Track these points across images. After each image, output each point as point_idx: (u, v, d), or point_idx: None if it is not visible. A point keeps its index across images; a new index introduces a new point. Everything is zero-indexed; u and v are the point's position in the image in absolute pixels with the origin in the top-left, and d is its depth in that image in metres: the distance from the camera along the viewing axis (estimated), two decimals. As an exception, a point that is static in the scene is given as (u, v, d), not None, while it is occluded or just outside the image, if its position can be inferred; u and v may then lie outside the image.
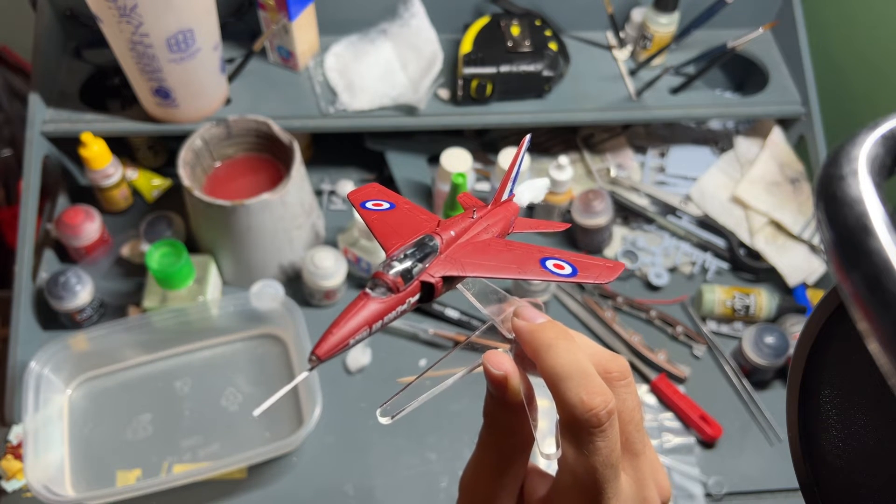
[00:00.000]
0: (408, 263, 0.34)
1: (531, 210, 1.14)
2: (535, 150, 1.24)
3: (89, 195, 1.15)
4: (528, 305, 0.38)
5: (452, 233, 0.37)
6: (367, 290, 0.33)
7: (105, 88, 1.15)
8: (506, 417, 0.37)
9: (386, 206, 0.40)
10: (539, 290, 1.04)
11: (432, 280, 0.34)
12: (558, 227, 0.46)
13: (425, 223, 0.39)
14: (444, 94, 1.13)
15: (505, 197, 0.43)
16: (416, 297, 0.35)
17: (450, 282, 0.36)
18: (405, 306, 0.34)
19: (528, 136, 0.44)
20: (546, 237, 1.18)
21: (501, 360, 0.36)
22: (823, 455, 0.39)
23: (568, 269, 0.37)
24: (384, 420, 0.37)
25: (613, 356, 0.37)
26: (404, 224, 0.39)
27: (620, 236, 1.17)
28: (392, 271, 0.33)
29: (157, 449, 0.96)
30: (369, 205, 0.40)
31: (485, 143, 1.25)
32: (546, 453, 0.36)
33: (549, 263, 0.37)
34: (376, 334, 1.04)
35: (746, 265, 1.13)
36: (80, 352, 0.99)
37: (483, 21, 1.13)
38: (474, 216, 0.39)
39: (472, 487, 0.38)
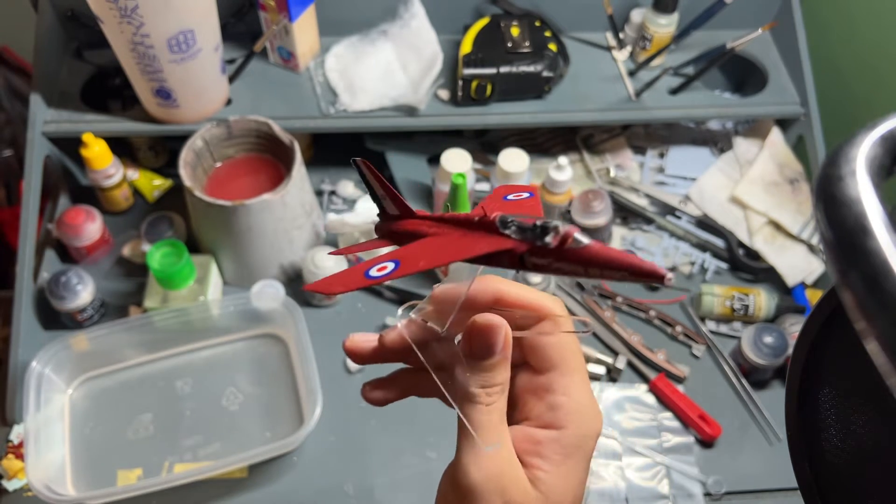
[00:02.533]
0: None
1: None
2: (534, 150, 1.24)
3: (90, 195, 1.15)
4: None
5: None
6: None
7: (106, 89, 1.16)
8: (504, 371, 0.38)
9: (391, 266, 0.37)
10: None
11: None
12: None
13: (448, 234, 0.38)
14: (444, 94, 1.13)
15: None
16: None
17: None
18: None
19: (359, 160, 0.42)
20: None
21: (493, 316, 0.38)
22: (822, 454, 0.39)
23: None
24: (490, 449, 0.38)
25: (547, 294, 0.42)
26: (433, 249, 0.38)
27: (620, 236, 1.17)
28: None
29: (158, 448, 0.96)
30: (374, 272, 0.37)
31: (484, 144, 1.25)
32: (587, 327, 0.39)
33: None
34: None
35: (745, 265, 1.13)
36: (81, 351, 0.99)
37: (483, 22, 1.13)
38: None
39: (497, 470, 0.38)
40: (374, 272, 0.36)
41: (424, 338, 0.41)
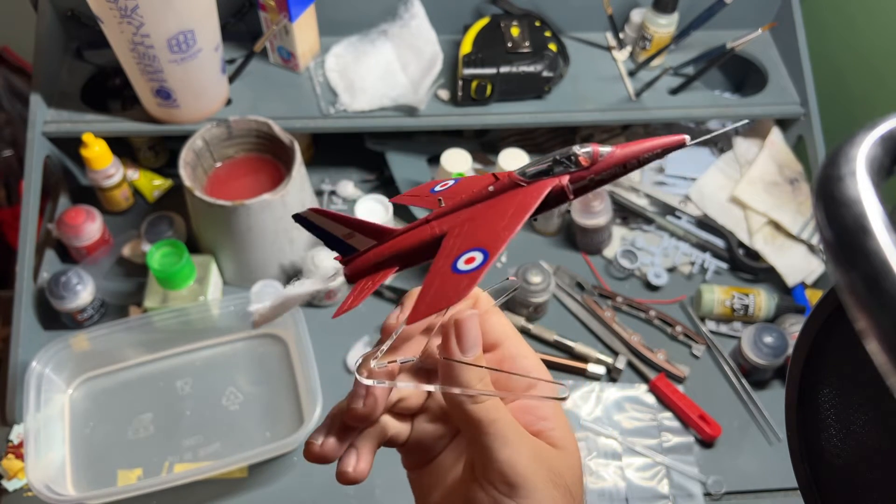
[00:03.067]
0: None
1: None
2: (534, 150, 1.24)
3: (90, 195, 1.15)
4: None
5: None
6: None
7: (106, 89, 1.16)
8: (482, 360, 0.39)
9: (478, 255, 0.35)
10: (539, 289, 1.05)
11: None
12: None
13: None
14: (444, 94, 1.13)
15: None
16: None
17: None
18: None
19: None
20: (546, 239, 1.18)
21: (465, 310, 0.39)
22: (822, 454, 0.39)
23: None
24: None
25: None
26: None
27: (620, 236, 1.17)
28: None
29: (158, 448, 0.96)
30: (462, 265, 0.35)
31: (484, 144, 1.25)
32: (563, 395, 0.41)
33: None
34: (378, 334, 1.04)
35: (745, 265, 1.13)
36: (82, 351, 0.99)
37: (483, 22, 1.13)
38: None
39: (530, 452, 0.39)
40: (461, 265, 0.35)
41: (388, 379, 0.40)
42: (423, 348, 0.41)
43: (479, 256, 0.34)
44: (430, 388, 0.40)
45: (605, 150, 0.35)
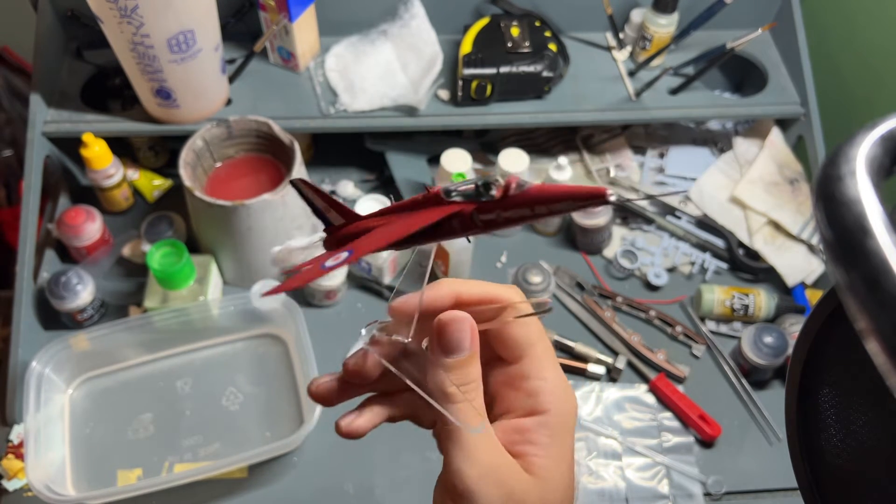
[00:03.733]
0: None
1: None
2: (534, 150, 1.24)
3: (90, 195, 1.15)
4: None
5: None
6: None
7: (106, 89, 1.16)
8: (475, 366, 0.39)
9: (345, 254, 0.38)
10: (539, 289, 1.05)
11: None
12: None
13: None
14: (444, 94, 1.13)
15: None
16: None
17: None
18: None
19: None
20: (546, 239, 1.18)
21: (456, 312, 0.39)
22: (822, 454, 0.39)
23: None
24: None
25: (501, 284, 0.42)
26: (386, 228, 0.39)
27: (620, 236, 1.17)
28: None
29: (158, 448, 0.96)
30: (329, 262, 0.38)
31: (484, 144, 1.25)
32: (545, 306, 0.40)
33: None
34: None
35: (745, 265, 1.13)
36: (81, 351, 0.99)
37: (483, 22, 1.14)
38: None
39: (492, 462, 0.38)
40: (329, 262, 0.37)
41: (391, 353, 0.41)
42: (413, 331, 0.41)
43: (342, 256, 0.37)
44: (404, 378, 0.39)
45: (523, 183, 0.33)
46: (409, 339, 0.40)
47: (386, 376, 0.41)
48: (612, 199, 0.30)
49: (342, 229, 0.42)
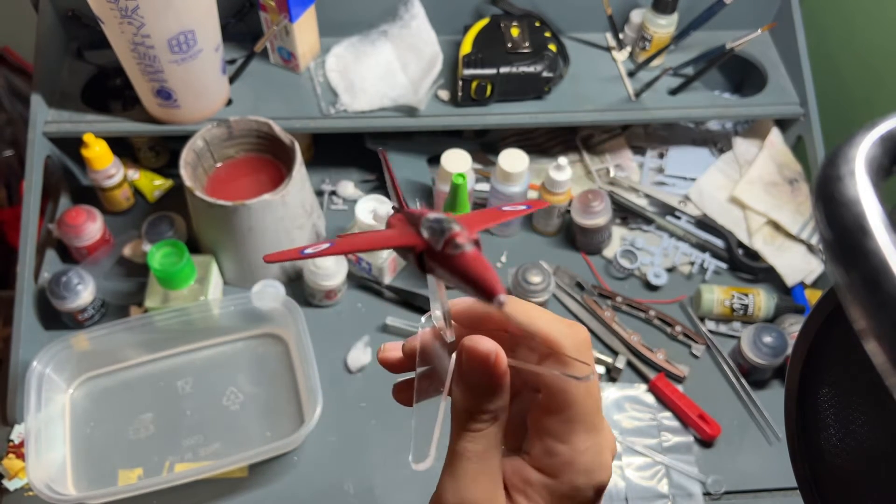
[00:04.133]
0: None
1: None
2: (534, 150, 1.24)
3: (91, 195, 1.15)
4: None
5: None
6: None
7: (107, 89, 1.16)
8: (495, 400, 0.36)
9: (325, 245, 0.37)
10: (539, 289, 1.05)
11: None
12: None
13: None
14: (445, 94, 1.13)
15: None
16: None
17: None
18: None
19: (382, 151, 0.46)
20: (546, 239, 1.18)
21: (483, 340, 0.35)
22: (821, 454, 0.39)
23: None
24: (421, 466, 0.37)
25: (573, 322, 0.38)
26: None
27: (619, 236, 1.17)
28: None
29: (159, 448, 0.96)
30: (309, 250, 0.37)
31: (484, 144, 1.25)
32: (582, 375, 0.35)
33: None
34: (378, 334, 1.03)
35: (745, 265, 1.13)
36: (82, 351, 0.99)
37: (483, 22, 1.14)
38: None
39: (471, 499, 0.36)
40: (309, 250, 0.37)
41: (432, 346, 0.39)
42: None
43: (322, 247, 0.38)
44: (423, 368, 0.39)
45: (460, 244, 0.30)
46: (451, 340, 0.38)
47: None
48: (502, 299, 0.29)
49: (393, 216, 0.41)
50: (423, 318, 0.41)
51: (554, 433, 0.36)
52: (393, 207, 0.42)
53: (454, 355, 0.37)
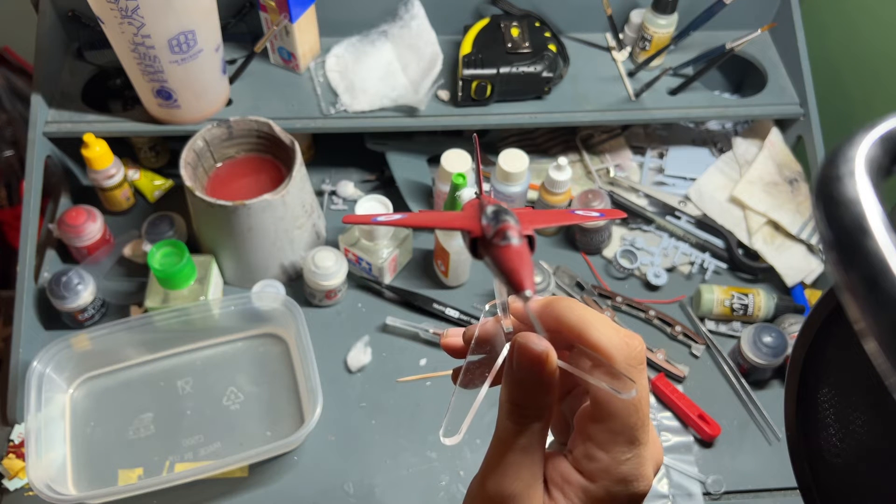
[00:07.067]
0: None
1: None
2: (534, 150, 1.24)
3: (91, 195, 1.15)
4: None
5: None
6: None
7: (107, 89, 1.16)
8: (542, 397, 0.37)
9: (397, 216, 0.41)
10: (539, 290, 1.05)
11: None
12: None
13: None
14: (445, 95, 1.13)
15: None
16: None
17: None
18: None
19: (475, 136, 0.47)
20: (546, 239, 1.18)
21: (536, 338, 0.36)
22: (821, 454, 0.39)
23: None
24: (450, 440, 0.38)
25: (631, 334, 0.38)
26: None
27: (619, 236, 1.17)
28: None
29: (159, 448, 0.96)
30: (381, 218, 0.41)
31: (484, 144, 1.25)
32: (625, 391, 0.35)
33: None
34: (378, 334, 1.03)
35: (745, 265, 1.13)
36: (82, 351, 0.99)
37: (483, 23, 1.14)
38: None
39: (509, 490, 0.37)
40: (381, 218, 0.41)
41: (491, 334, 0.40)
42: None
43: (395, 217, 0.42)
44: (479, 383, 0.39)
45: (509, 235, 0.32)
46: (509, 331, 0.39)
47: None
48: (528, 294, 0.30)
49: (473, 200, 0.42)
50: (486, 306, 0.43)
51: (596, 440, 0.37)
52: (475, 193, 0.44)
53: (506, 347, 0.38)
